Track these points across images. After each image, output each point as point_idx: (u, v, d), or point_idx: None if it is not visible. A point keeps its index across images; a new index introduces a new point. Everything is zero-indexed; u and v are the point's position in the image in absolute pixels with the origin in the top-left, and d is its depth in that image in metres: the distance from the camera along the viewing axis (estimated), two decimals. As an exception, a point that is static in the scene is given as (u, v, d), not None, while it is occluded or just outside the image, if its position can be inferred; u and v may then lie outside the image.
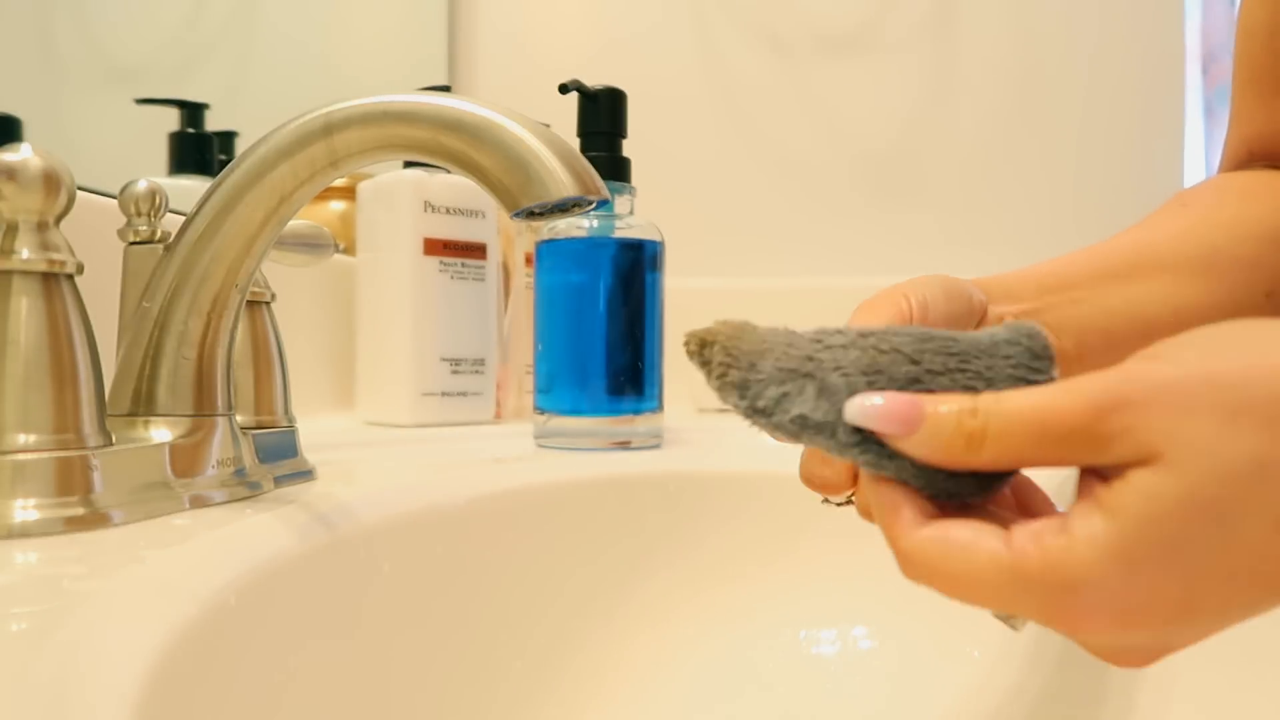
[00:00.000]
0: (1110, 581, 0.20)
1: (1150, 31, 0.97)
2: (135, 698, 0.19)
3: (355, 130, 0.29)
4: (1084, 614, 0.20)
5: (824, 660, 0.48)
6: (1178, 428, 0.20)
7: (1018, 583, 0.21)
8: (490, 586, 0.42)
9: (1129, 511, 0.20)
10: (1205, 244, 0.40)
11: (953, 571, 0.22)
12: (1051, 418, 0.21)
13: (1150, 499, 0.20)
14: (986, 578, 0.21)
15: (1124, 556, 0.20)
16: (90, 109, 0.63)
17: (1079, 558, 0.20)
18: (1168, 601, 0.20)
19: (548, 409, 0.56)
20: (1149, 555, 0.20)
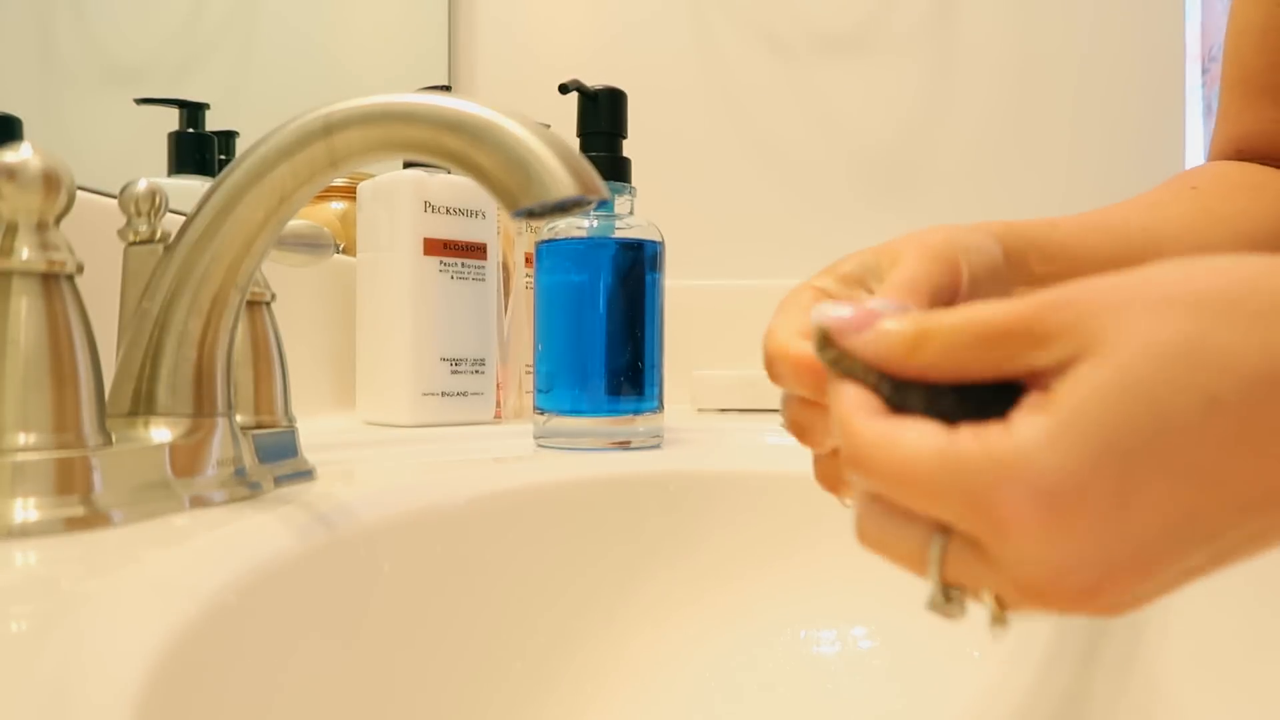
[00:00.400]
0: (1039, 462, 0.19)
1: (1150, 31, 0.97)
2: (135, 698, 0.19)
3: (355, 130, 0.29)
4: (1010, 501, 0.19)
5: (824, 660, 0.48)
6: (1115, 319, 0.20)
7: (952, 470, 0.20)
8: (490, 586, 0.42)
9: (1063, 399, 0.20)
10: (1206, 239, 0.40)
11: (890, 460, 0.21)
12: (992, 320, 0.21)
13: (1083, 384, 0.19)
14: (924, 465, 0.21)
15: (1055, 439, 0.19)
16: (90, 109, 0.63)
17: (1015, 444, 0.20)
18: (1102, 493, 0.19)
19: (548, 409, 0.56)
20: (1081, 437, 0.19)
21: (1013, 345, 0.21)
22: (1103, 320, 0.20)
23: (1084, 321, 0.20)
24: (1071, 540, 0.19)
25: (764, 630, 0.49)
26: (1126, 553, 0.19)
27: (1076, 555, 0.19)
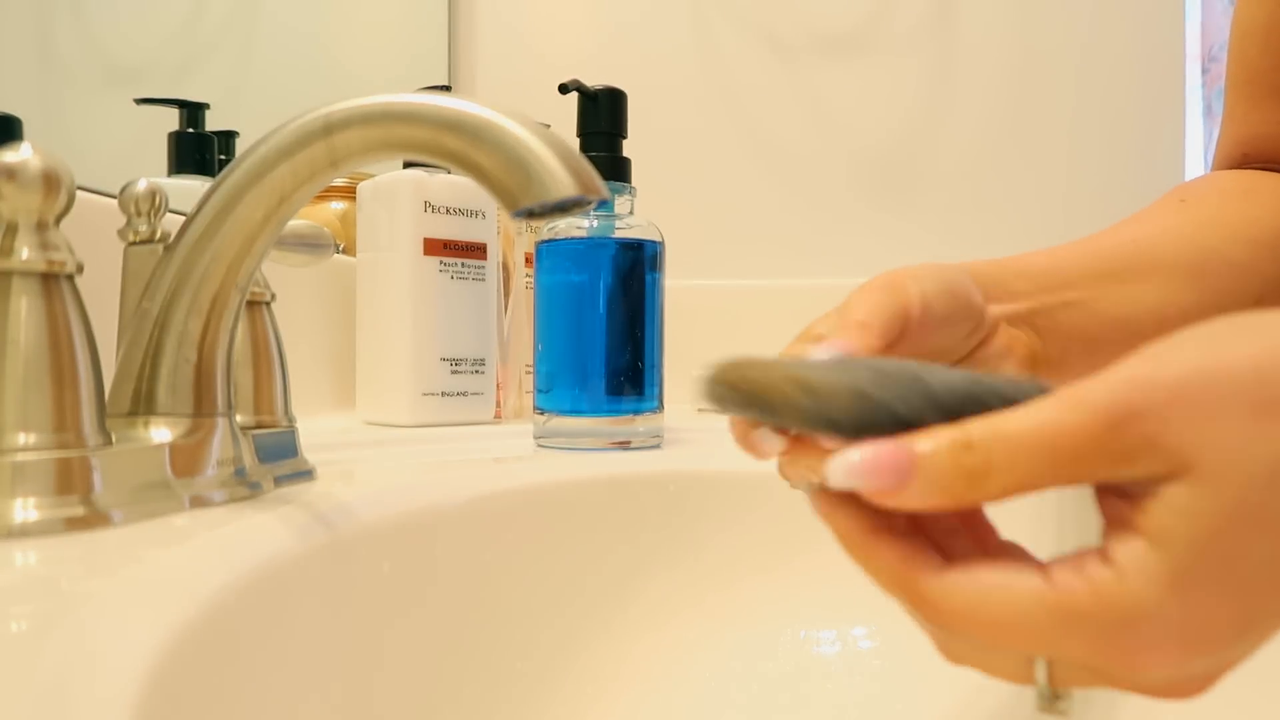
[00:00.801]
0: (1170, 611, 0.19)
1: (1150, 31, 0.96)
2: (135, 698, 0.19)
3: (355, 130, 0.29)
4: (1145, 649, 0.19)
5: (824, 660, 0.48)
6: (1204, 434, 0.18)
7: (1068, 621, 0.19)
8: (490, 587, 0.42)
9: (1175, 535, 0.19)
10: (1200, 245, 0.39)
11: (993, 616, 0.20)
12: (1060, 438, 0.19)
13: (1194, 518, 0.19)
14: (1032, 618, 0.19)
15: (1179, 583, 0.19)
16: (90, 109, 0.63)
17: (1133, 590, 0.19)
18: (1227, 622, 0.19)
19: (548, 409, 0.56)
20: (1205, 578, 0.19)
21: (1086, 464, 0.19)
22: (1186, 435, 0.18)
23: (1166, 436, 0.19)
24: (1197, 663, 0.19)
25: (764, 630, 0.49)
26: (1240, 656, 0.20)
27: (1198, 670, 0.20)
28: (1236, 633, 0.19)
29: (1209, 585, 0.19)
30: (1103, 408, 0.19)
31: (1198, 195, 0.43)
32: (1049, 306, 0.35)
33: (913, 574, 0.21)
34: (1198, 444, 0.18)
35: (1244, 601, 0.19)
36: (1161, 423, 0.19)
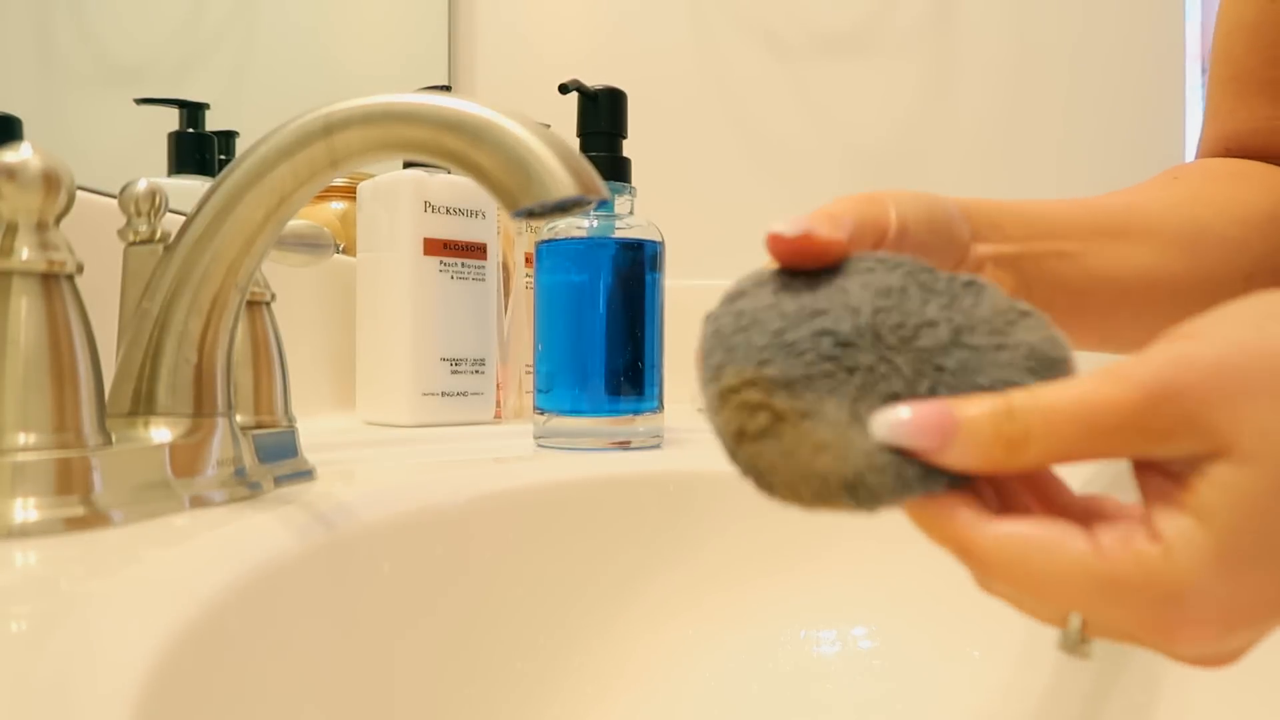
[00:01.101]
0: (1216, 589, 0.19)
1: (1150, 31, 0.97)
2: (135, 698, 0.19)
3: (355, 130, 0.29)
4: (1188, 624, 0.19)
5: (824, 660, 0.48)
6: (1245, 414, 0.19)
7: (1113, 591, 0.20)
8: (490, 587, 0.42)
9: (1221, 513, 0.19)
10: (1194, 219, 0.39)
11: (1037, 574, 0.20)
12: (1100, 411, 0.19)
13: (1240, 496, 0.19)
14: (1077, 582, 0.20)
15: (1226, 561, 0.19)
16: (90, 109, 0.63)
17: (1180, 566, 0.19)
18: (1268, 599, 0.19)
19: (548, 409, 0.56)
20: (1250, 556, 0.19)
21: (1124, 439, 0.19)
22: (1226, 413, 0.19)
23: (1205, 414, 0.19)
24: (1237, 638, 0.20)
25: (764, 630, 0.49)
26: (1271, 629, 0.20)
27: (1236, 644, 0.20)
28: (1275, 608, 0.19)
29: (1253, 563, 0.19)
30: (1144, 384, 0.19)
31: (1189, 175, 0.43)
32: (1039, 253, 0.34)
33: (963, 523, 0.21)
34: (1236, 424, 0.19)
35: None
36: (1201, 402, 0.19)
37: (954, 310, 0.23)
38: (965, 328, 0.23)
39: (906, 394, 0.22)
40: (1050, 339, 0.23)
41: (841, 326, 0.22)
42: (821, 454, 0.21)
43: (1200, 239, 0.38)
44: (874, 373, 0.22)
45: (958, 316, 0.23)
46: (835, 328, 0.22)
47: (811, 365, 0.22)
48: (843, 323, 0.23)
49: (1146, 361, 0.19)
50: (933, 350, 0.22)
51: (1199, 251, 0.38)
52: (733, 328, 0.23)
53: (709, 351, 0.23)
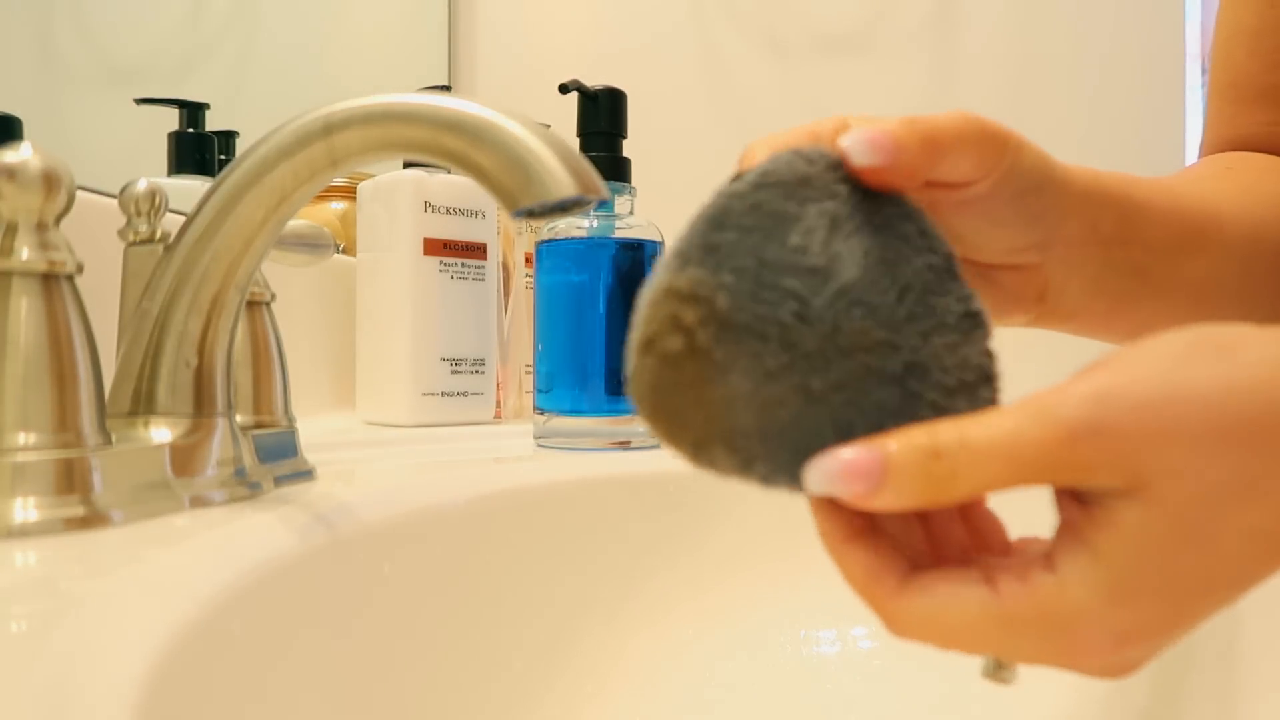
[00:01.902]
0: (1105, 618, 0.20)
1: (1150, 31, 0.97)
2: (135, 698, 0.19)
3: (355, 130, 0.29)
4: (1080, 650, 0.21)
5: (824, 660, 0.48)
6: (1161, 456, 0.20)
7: (1012, 628, 0.21)
8: (490, 586, 0.42)
9: (1117, 549, 0.20)
10: (1253, 219, 0.37)
11: (944, 626, 0.22)
12: (1024, 448, 0.20)
13: (1138, 534, 0.20)
14: (979, 628, 0.21)
15: (1116, 594, 0.20)
16: (90, 109, 0.63)
17: (1071, 598, 0.20)
18: (1158, 621, 0.21)
19: (548, 409, 0.56)
20: (1140, 588, 0.20)
21: (1046, 473, 0.20)
22: (1145, 457, 0.20)
23: (1124, 456, 0.20)
24: (1129, 654, 0.21)
25: (764, 630, 0.49)
26: (1171, 643, 0.22)
27: (1130, 658, 0.22)
28: (1165, 630, 0.21)
29: (1143, 595, 0.20)
30: (1066, 422, 0.20)
31: (1240, 167, 0.41)
32: (1113, 259, 0.33)
33: (875, 587, 0.23)
34: (1153, 465, 0.20)
35: (1175, 607, 0.21)
36: (1121, 441, 0.20)
37: (925, 342, 0.23)
38: (918, 368, 0.22)
39: (820, 390, 0.21)
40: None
41: (814, 301, 0.22)
42: (697, 409, 0.21)
43: (1257, 247, 0.37)
44: (802, 362, 0.21)
45: (923, 352, 0.22)
46: (808, 298, 0.22)
47: (758, 320, 0.21)
48: (817, 297, 0.22)
49: (1069, 397, 0.20)
50: (874, 374, 0.22)
51: (1252, 263, 0.37)
52: (737, 220, 0.22)
53: (703, 220, 0.23)
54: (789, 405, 0.21)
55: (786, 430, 0.22)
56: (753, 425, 0.21)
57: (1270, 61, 0.44)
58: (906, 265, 0.23)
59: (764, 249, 0.22)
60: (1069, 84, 0.97)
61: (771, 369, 0.21)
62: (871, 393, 0.22)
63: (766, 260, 0.22)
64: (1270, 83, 0.45)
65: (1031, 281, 0.31)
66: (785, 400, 0.21)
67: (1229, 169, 0.41)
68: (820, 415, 0.22)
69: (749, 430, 0.21)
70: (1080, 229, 0.31)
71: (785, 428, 0.22)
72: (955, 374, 0.23)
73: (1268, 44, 0.44)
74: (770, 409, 0.21)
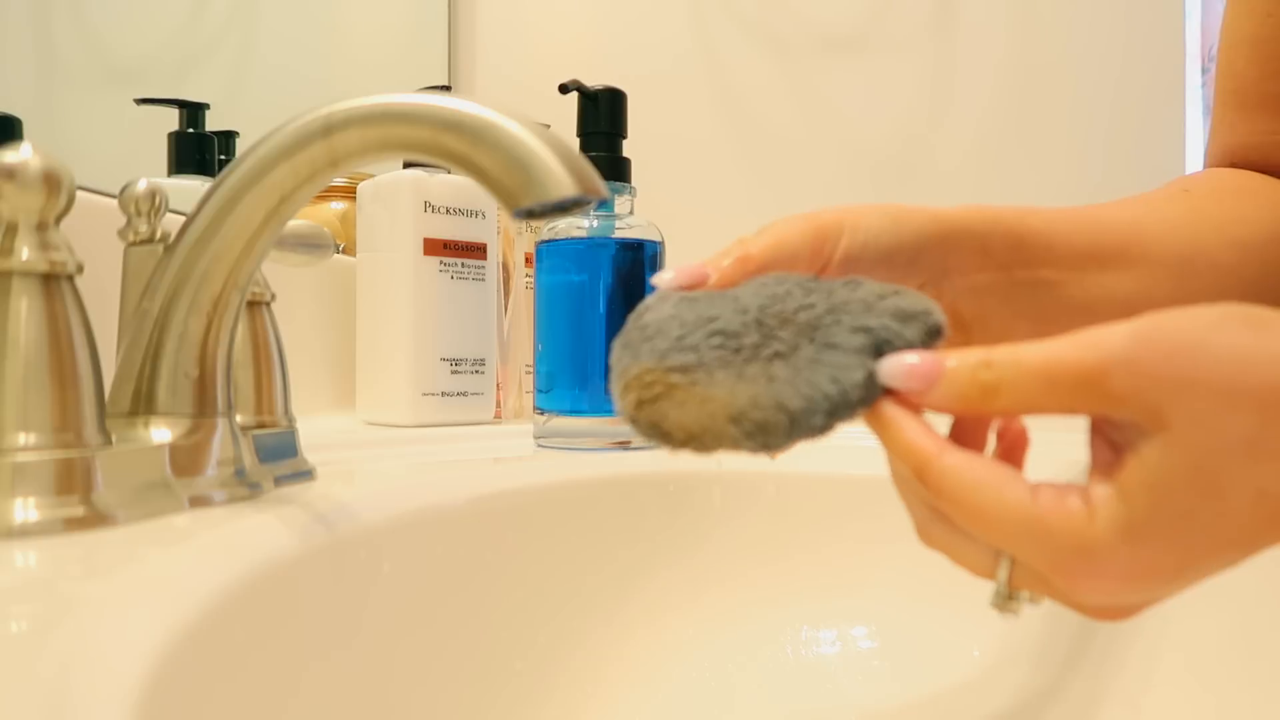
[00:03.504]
0: (1120, 553, 0.22)
1: (1150, 31, 0.96)
2: (135, 698, 0.19)
3: (355, 130, 0.29)
4: (1089, 576, 0.22)
5: (824, 660, 0.48)
6: (1184, 400, 0.21)
7: (1036, 532, 0.22)
8: (490, 587, 0.42)
9: (1139, 492, 0.22)
10: (1191, 240, 0.38)
11: (981, 504, 0.23)
12: (1061, 369, 0.22)
13: (1158, 475, 0.22)
14: (1010, 518, 0.23)
15: (1133, 533, 0.22)
16: (90, 109, 0.63)
17: (1095, 527, 0.22)
18: (1165, 568, 0.22)
19: (548, 409, 0.56)
20: (1155, 532, 0.22)
21: (1080, 395, 0.22)
22: (1171, 397, 0.21)
23: (1153, 391, 0.21)
24: (1134, 595, 0.23)
25: (764, 630, 0.49)
26: (1169, 595, 0.23)
27: (1130, 601, 0.24)
28: (1171, 577, 0.23)
29: (1157, 538, 0.22)
30: (1105, 352, 0.22)
31: (1200, 187, 0.43)
32: (1017, 281, 0.34)
33: (926, 442, 0.24)
34: (1175, 406, 0.21)
35: (1184, 554, 0.22)
36: (1149, 378, 0.21)
37: (832, 298, 0.26)
38: (839, 306, 0.26)
39: (789, 354, 0.25)
40: (916, 299, 0.26)
41: (731, 325, 0.26)
42: (709, 402, 0.24)
43: (1192, 264, 0.38)
44: (758, 347, 0.25)
45: (834, 299, 0.26)
46: (725, 327, 0.26)
47: (703, 354, 0.25)
48: (732, 322, 0.26)
49: (1112, 331, 0.22)
50: (809, 323, 0.26)
51: (1187, 279, 0.38)
52: (639, 338, 0.26)
53: (617, 360, 0.26)
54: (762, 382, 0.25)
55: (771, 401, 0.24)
56: (747, 396, 0.24)
57: (1270, 69, 0.45)
58: (780, 285, 0.27)
59: (672, 333, 0.26)
60: (1069, 84, 0.97)
61: (739, 362, 0.25)
62: (821, 326, 0.25)
63: (680, 336, 0.26)
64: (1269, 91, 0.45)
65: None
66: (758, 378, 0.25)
67: (1185, 191, 0.42)
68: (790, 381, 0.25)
69: (751, 398, 0.24)
70: (970, 257, 0.33)
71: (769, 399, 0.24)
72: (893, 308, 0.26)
73: (1265, 52, 0.45)
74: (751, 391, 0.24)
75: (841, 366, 0.24)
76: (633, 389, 0.25)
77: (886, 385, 0.24)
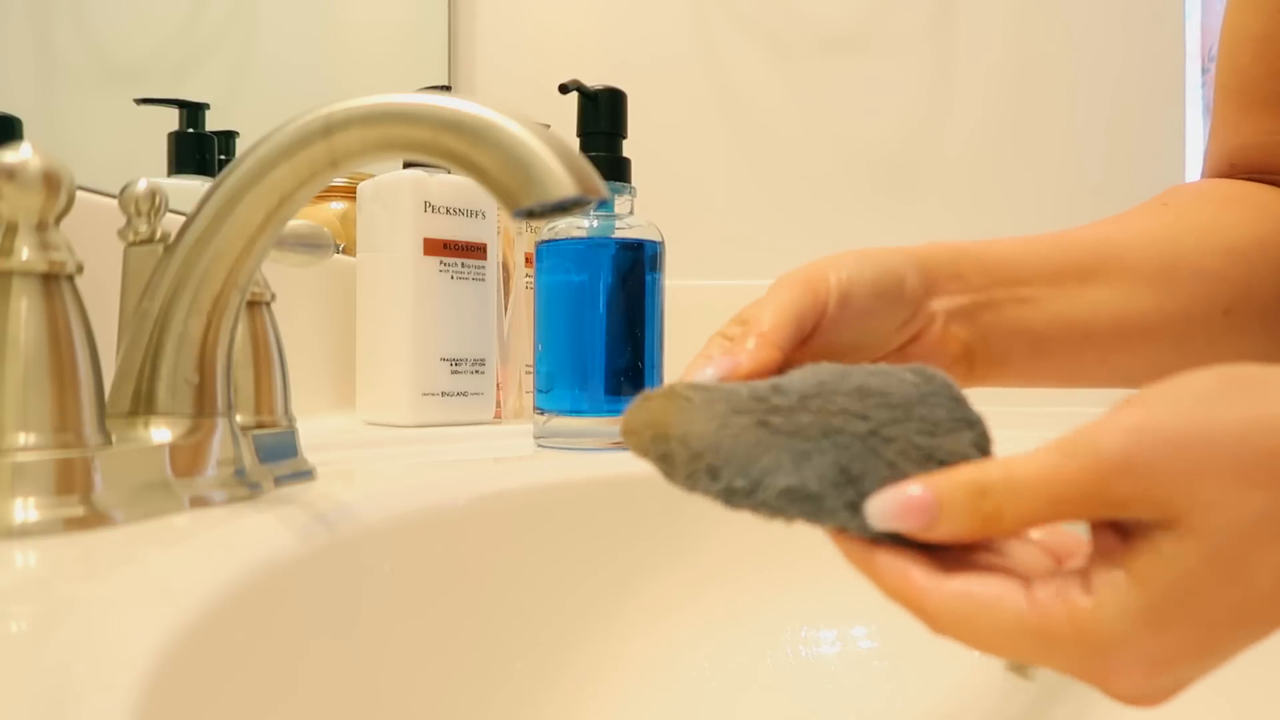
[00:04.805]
0: (1140, 644, 0.21)
1: (1150, 31, 0.96)
2: (135, 698, 0.19)
3: (355, 130, 0.29)
4: (1112, 673, 0.22)
5: (824, 660, 0.48)
6: (1193, 490, 0.20)
7: (1046, 643, 0.22)
8: (490, 587, 0.42)
9: (1154, 577, 0.21)
10: (1172, 250, 0.38)
11: (979, 629, 0.22)
12: (1062, 487, 0.21)
13: (1174, 563, 0.21)
14: (1013, 636, 0.22)
15: (1152, 620, 0.21)
16: (90, 109, 0.63)
17: (1108, 622, 0.21)
18: (1190, 651, 0.21)
19: (548, 409, 0.56)
20: (1175, 617, 0.21)
21: (1084, 508, 0.21)
22: (1177, 489, 0.20)
23: (1160, 489, 0.20)
24: (1159, 681, 0.22)
25: (764, 630, 0.49)
26: (1200, 675, 0.22)
27: (1164, 686, 0.22)
28: (1197, 659, 0.22)
29: (1178, 624, 0.21)
30: (1101, 458, 0.21)
31: (1179, 199, 0.42)
32: (998, 300, 0.34)
33: (907, 587, 0.23)
34: (1187, 499, 0.20)
35: (1207, 638, 0.21)
36: (1154, 476, 0.20)
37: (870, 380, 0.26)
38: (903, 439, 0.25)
39: (789, 431, 0.24)
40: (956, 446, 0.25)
41: (792, 386, 0.25)
42: (662, 414, 0.25)
43: (1175, 273, 0.38)
44: (773, 411, 0.25)
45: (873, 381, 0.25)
46: (786, 386, 0.25)
47: (733, 393, 0.25)
48: (803, 385, 0.25)
49: (1103, 434, 0.21)
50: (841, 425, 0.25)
51: (1172, 287, 0.38)
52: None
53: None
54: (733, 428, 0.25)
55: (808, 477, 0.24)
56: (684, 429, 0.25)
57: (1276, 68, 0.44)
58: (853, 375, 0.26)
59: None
60: (1068, 83, 0.97)
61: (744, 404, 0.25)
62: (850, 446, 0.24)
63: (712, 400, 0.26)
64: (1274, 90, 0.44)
65: (941, 348, 0.33)
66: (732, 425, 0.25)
67: (1164, 205, 0.42)
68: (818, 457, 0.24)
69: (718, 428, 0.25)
70: (948, 281, 0.33)
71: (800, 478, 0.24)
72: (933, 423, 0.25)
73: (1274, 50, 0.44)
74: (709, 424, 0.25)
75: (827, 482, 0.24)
76: (659, 392, 0.26)
77: (884, 528, 0.23)
